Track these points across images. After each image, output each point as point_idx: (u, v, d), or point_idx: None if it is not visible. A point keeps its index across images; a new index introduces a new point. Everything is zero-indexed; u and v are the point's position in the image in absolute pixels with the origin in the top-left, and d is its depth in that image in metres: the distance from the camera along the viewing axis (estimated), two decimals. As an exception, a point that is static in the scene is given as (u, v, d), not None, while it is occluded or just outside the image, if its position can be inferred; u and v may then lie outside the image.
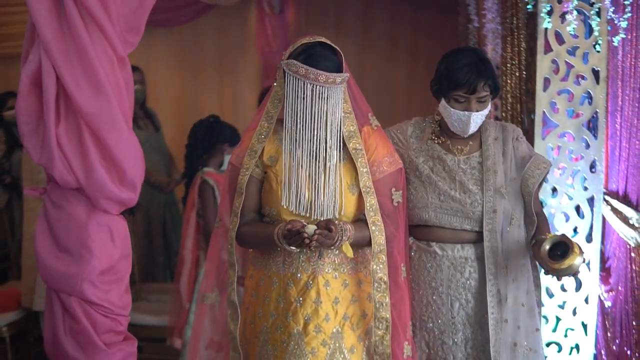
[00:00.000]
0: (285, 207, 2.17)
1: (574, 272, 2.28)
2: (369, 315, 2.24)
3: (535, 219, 2.43)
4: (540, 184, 2.52)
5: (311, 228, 2.03)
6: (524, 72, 3.40)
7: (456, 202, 2.39)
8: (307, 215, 2.17)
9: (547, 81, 3.21)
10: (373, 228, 2.19)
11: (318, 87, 2.13)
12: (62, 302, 1.71)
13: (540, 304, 2.53)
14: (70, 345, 1.71)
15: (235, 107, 5.92)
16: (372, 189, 2.21)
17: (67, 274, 1.69)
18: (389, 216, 2.24)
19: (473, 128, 2.38)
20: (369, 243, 2.20)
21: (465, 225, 2.40)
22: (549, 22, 3.15)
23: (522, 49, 3.39)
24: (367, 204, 2.20)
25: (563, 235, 2.33)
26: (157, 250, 4.74)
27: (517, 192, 2.44)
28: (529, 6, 3.22)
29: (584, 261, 2.27)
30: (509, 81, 3.54)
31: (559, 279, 2.32)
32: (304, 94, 2.13)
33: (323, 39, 2.21)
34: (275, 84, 2.24)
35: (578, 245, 2.28)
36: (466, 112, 2.34)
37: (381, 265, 2.19)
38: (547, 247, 2.28)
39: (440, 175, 2.43)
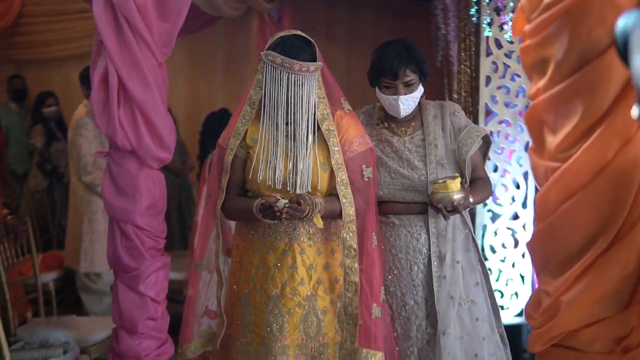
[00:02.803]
0: (260, 181, 2.23)
1: (446, 200, 2.30)
2: (341, 280, 2.30)
3: (468, 184, 2.47)
4: (485, 156, 2.63)
5: (282, 202, 2.13)
6: (474, 72, 3.84)
7: (405, 178, 2.47)
8: (285, 190, 2.23)
9: (488, 79, 3.68)
10: (344, 200, 2.25)
11: (293, 75, 2.19)
12: (120, 228, 2.33)
13: (480, 261, 2.56)
14: (125, 257, 2.33)
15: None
16: (342, 165, 2.27)
17: (124, 209, 2.31)
18: (359, 190, 2.30)
19: (404, 110, 2.47)
20: (340, 215, 2.26)
21: (415, 198, 2.47)
22: (489, 31, 3.64)
23: (471, 52, 3.83)
24: (338, 179, 2.26)
25: (461, 180, 2.37)
26: (173, 226, 5.15)
27: (457, 161, 2.51)
28: (474, 18, 3.71)
29: (460, 199, 2.29)
30: (462, 79, 3.94)
31: (432, 206, 2.37)
32: (280, 81, 2.20)
33: (299, 32, 2.27)
34: (257, 72, 2.28)
35: (463, 185, 2.36)
36: (394, 96, 2.43)
37: (351, 234, 2.25)
38: (441, 179, 2.35)
39: (389, 156, 2.50)
